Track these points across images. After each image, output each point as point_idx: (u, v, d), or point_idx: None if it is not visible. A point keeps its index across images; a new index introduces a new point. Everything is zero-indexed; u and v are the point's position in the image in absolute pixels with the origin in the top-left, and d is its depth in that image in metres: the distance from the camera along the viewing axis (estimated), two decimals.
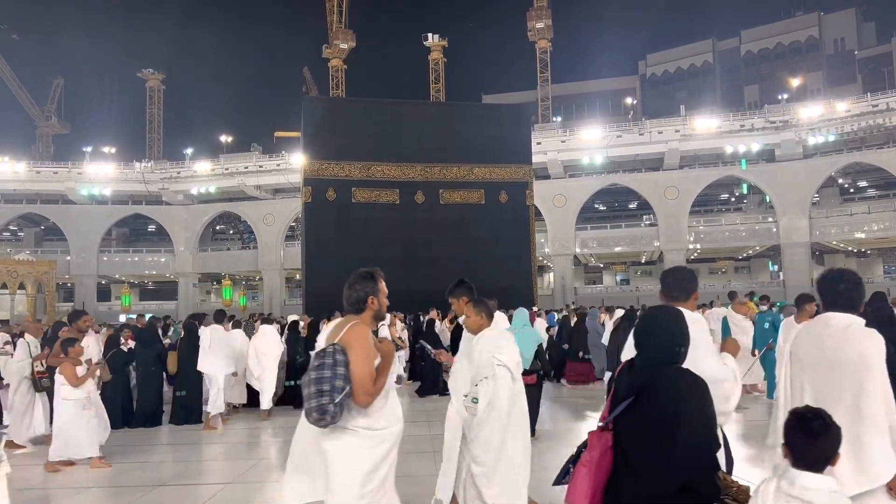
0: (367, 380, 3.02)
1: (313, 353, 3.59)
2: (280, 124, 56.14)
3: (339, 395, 2.90)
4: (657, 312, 2.75)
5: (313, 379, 2.94)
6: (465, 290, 4.98)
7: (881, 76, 56.82)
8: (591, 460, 2.54)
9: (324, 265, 21.89)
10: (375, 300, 3.39)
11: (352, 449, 3.03)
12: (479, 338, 4.43)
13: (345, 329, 3.16)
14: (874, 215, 41.77)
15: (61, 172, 49.67)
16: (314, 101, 38.98)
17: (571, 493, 2.57)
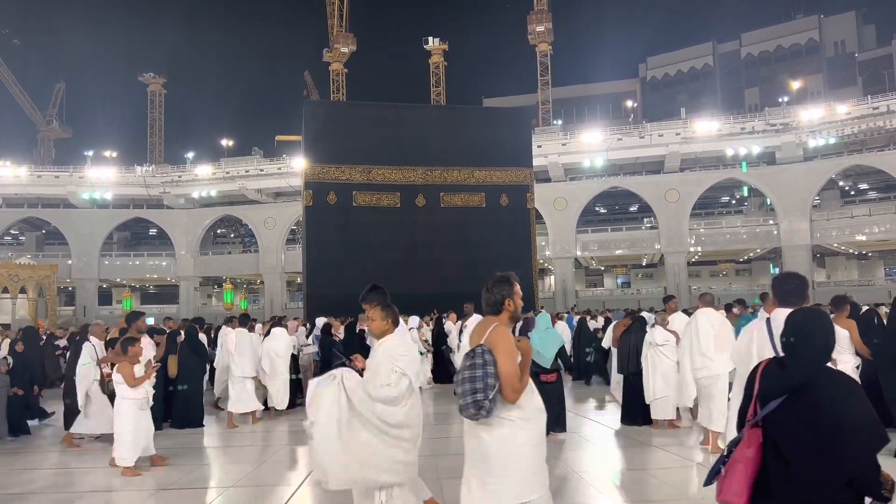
0: (514, 378, 3.25)
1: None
2: (281, 128, 56.38)
3: (491, 392, 3.16)
4: (812, 315, 2.83)
5: (467, 378, 3.21)
6: (378, 296, 5.04)
7: (881, 78, 56.83)
8: (747, 457, 2.60)
9: (325, 269, 21.91)
10: (511, 302, 3.64)
11: (508, 438, 3.27)
12: (381, 343, 4.31)
13: (488, 331, 3.39)
14: (875, 217, 41.76)
15: (63, 176, 49.78)
16: (315, 104, 39.05)
17: (725, 490, 2.62)
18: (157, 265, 51.98)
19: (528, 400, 3.34)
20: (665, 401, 8.77)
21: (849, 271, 50.86)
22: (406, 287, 21.06)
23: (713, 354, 7.46)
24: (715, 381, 7.46)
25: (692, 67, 69.83)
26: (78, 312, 47.24)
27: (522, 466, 3.26)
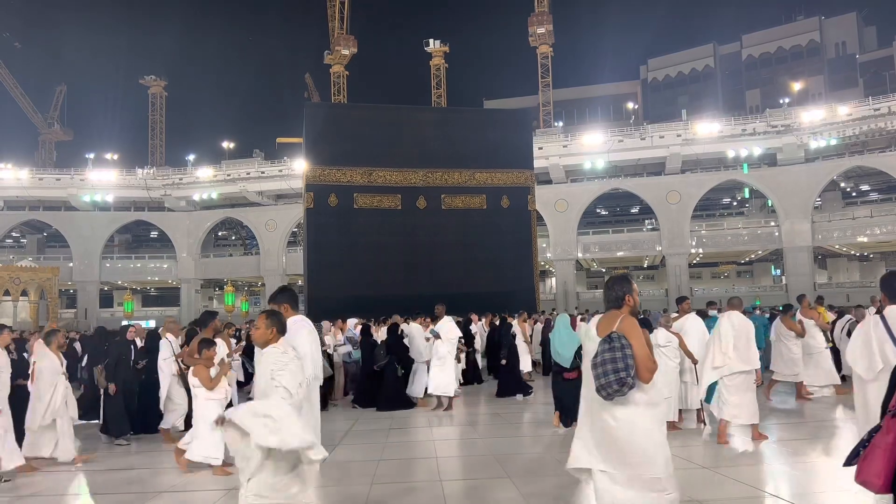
0: (648, 359, 3.70)
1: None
2: (282, 130, 56.43)
3: (632, 371, 3.61)
4: None
5: (607, 360, 3.64)
6: (287, 298, 4.98)
7: (883, 80, 56.84)
8: (886, 443, 2.89)
9: (326, 271, 21.91)
10: (631, 297, 3.98)
11: (638, 418, 3.73)
12: (263, 354, 4.14)
13: (618, 321, 3.80)
14: (877, 219, 41.70)
15: (64, 179, 49.82)
16: (316, 106, 39.05)
17: (864, 471, 2.93)
18: (158, 267, 51.99)
19: (655, 386, 3.81)
20: (666, 402, 8.73)
21: (850, 273, 50.80)
22: (407, 289, 21.12)
23: (732, 353, 8.03)
24: (732, 379, 8.07)
25: (693, 69, 69.84)
26: (79, 315, 47.26)
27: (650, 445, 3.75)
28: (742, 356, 8.04)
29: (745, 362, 8.04)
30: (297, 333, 4.89)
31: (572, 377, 8.63)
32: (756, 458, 7.41)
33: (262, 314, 4.27)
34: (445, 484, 6.51)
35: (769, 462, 7.18)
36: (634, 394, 3.68)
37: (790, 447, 7.93)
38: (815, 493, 6.00)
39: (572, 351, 8.79)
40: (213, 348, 7.52)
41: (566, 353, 8.90)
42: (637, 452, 3.72)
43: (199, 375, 7.22)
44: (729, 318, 8.30)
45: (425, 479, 6.86)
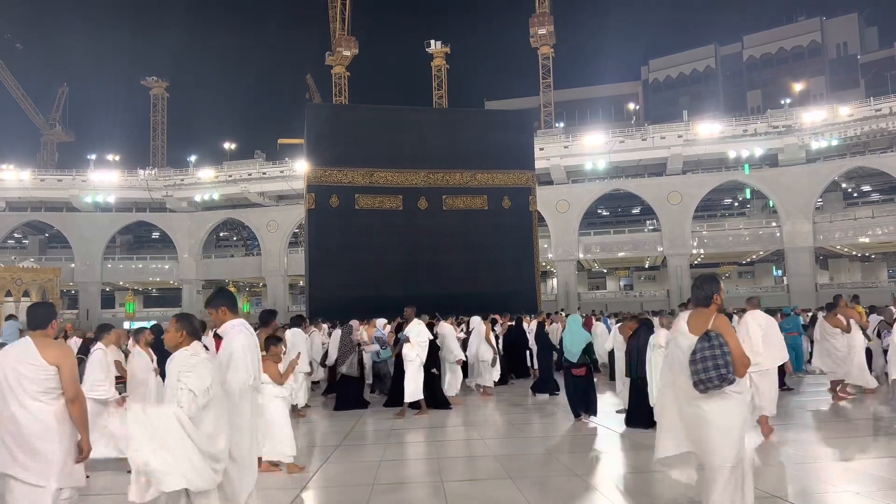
0: (743, 356, 4.06)
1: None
2: (283, 131, 56.54)
3: (731, 367, 3.98)
4: None
5: (707, 356, 4.01)
6: (225, 300, 4.89)
7: (884, 80, 56.78)
8: None
9: (327, 271, 21.93)
10: (719, 296, 4.25)
11: (729, 409, 4.09)
12: (172, 357, 4.17)
13: (712, 319, 4.12)
14: (878, 219, 41.67)
15: (66, 180, 49.90)
16: (317, 107, 39.10)
17: None
18: (159, 268, 52.05)
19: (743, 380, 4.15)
20: None
21: (852, 273, 50.77)
22: (408, 290, 21.08)
23: (762, 350, 8.37)
24: (764, 375, 8.40)
25: (694, 70, 69.84)
26: (81, 316, 47.31)
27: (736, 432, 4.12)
28: (770, 351, 8.53)
29: (773, 358, 8.59)
30: (234, 338, 4.79)
31: (580, 373, 9.43)
32: (759, 457, 7.41)
33: (174, 318, 4.27)
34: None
35: (770, 461, 7.18)
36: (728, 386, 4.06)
37: (795, 447, 7.94)
38: (816, 494, 6.00)
39: (580, 347, 9.43)
40: (279, 344, 7.58)
41: (574, 349, 9.49)
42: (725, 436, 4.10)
43: (269, 372, 7.21)
44: (753, 316, 8.72)
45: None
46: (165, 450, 3.77)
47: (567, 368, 9.69)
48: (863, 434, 8.89)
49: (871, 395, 11.35)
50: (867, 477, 6.40)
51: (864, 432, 9.00)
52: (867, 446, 8.09)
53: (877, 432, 8.98)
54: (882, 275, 49.93)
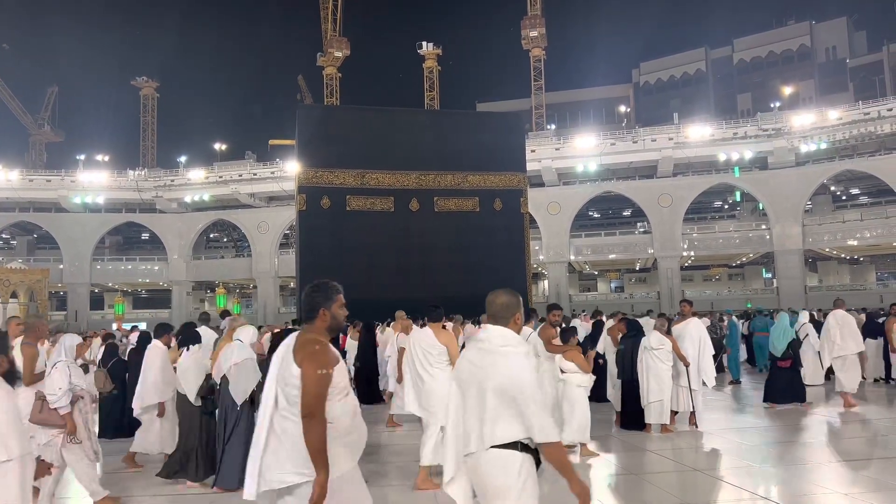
0: None
1: None
2: (274, 132, 56.34)
3: None
4: None
5: None
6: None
7: (872, 84, 57.22)
8: None
9: (318, 273, 21.50)
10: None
11: None
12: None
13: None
14: (866, 222, 41.94)
15: (54, 180, 49.54)
16: (308, 108, 39.01)
17: None
18: (149, 269, 51.75)
19: None
20: (659, 405, 8.78)
21: (841, 276, 51.10)
22: (400, 292, 21.06)
23: (840, 342, 10.74)
24: (844, 360, 10.71)
25: (685, 73, 70.11)
26: (69, 317, 46.98)
27: None
28: (846, 343, 10.70)
29: (850, 348, 10.70)
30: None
31: (786, 365, 10.59)
32: (751, 459, 7.44)
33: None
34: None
35: (762, 464, 7.20)
36: None
37: (787, 449, 7.97)
38: (807, 496, 6.02)
39: (785, 343, 10.57)
40: (574, 336, 7.94)
41: (780, 345, 10.61)
42: None
43: (577, 360, 7.62)
44: (834, 315, 10.94)
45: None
46: None
47: (773, 360, 10.91)
48: (850, 435, 8.93)
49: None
50: (856, 478, 6.42)
51: (851, 433, 9.05)
52: (856, 447, 8.13)
53: (865, 433, 9.03)
54: (870, 277, 50.27)
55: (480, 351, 3.06)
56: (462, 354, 3.21)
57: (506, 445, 2.87)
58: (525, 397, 2.85)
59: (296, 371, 3.05)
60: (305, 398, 2.99)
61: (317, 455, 2.93)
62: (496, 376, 2.91)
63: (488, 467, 2.88)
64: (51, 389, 5.51)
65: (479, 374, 2.98)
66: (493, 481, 2.88)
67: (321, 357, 3.08)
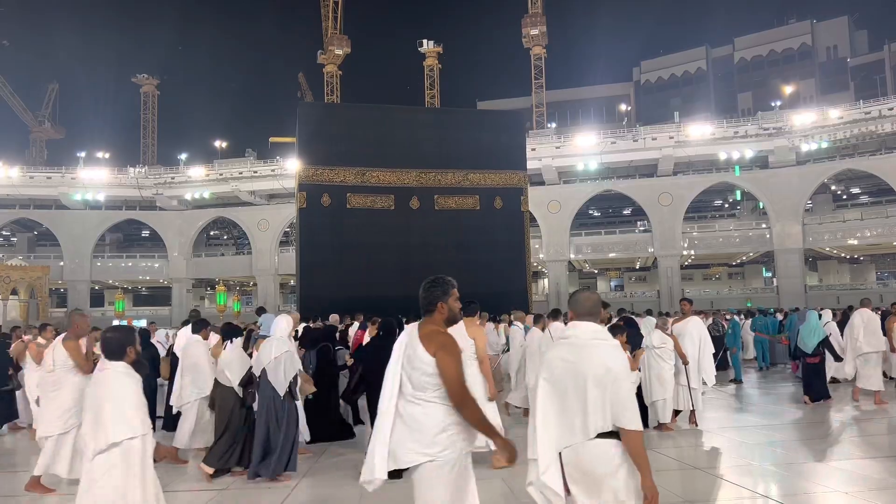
0: None
1: None
2: (275, 130, 56.22)
3: None
4: None
5: None
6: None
7: (873, 83, 57.17)
8: None
9: (318, 271, 21.85)
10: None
11: None
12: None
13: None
14: (867, 222, 41.95)
15: (55, 177, 49.53)
16: (309, 106, 38.92)
17: None
18: (149, 267, 51.77)
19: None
20: (662, 403, 8.79)
21: (841, 275, 51.09)
22: (399, 290, 21.03)
23: (863, 339, 11.03)
24: (868, 357, 10.98)
25: (686, 71, 70.06)
26: None
27: None
28: (870, 341, 11.02)
29: (872, 345, 11.04)
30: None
31: (815, 361, 10.89)
32: (751, 458, 7.44)
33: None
34: None
35: (763, 463, 7.21)
36: None
37: (788, 448, 7.97)
38: (806, 494, 6.03)
39: (816, 341, 10.86)
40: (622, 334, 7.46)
41: (810, 342, 10.89)
42: None
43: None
44: (860, 314, 11.30)
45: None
46: None
47: (802, 357, 11.26)
48: (851, 434, 8.94)
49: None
50: (856, 477, 6.43)
51: (851, 432, 9.05)
52: (856, 446, 8.13)
53: (865, 432, 9.03)
54: (870, 276, 50.28)
55: (572, 346, 3.23)
56: (552, 353, 3.35)
57: (606, 434, 3.06)
58: (618, 386, 3.05)
59: (427, 359, 3.31)
60: (451, 385, 3.26)
61: (482, 426, 3.27)
62: (594, 367, 3.09)
63: (592, 456, 3.06)
64: None
65: (574, 368, 3.14)
66: (596, 469, 3.06)
67: (454, 347, 3.37)
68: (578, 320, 3.29)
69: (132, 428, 4.06)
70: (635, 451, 3.03)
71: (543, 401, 3.22)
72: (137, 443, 4.07)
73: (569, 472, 3.13)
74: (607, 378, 3.05)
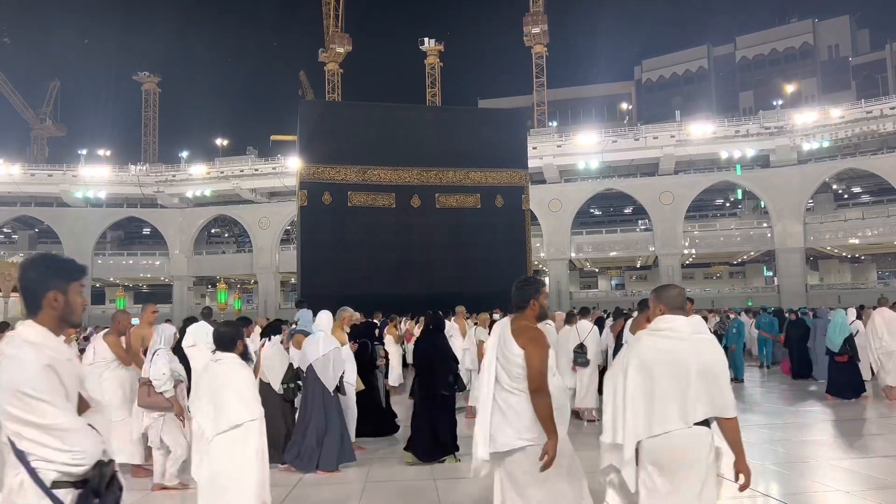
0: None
1: None
2: (276, 128, 55.99)
3: None
4: None
5: None
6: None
7: (875, 83, 57.12)
8: None
9: (319, 269, 21.88)
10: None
11: None
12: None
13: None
14: (868, 221, 41.91)
15: (56, 175, 49.54)
16: (310, 104, 38.94)
17: None
18: (150, 265, 51.78)
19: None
20: None
21: (842, 274, 51.06)
22: (400, 288, 21.12)
23: (886, 337, 11.11)
24: (890, 354, 11.07)
25: (687, 70, 70.00)
26: None
27: None
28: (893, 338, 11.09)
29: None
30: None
31: (843, 360, 11.12)
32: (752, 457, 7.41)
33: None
34: None
35: (763, 462, 7.20)
36: None
37: (789, 447, 7.96)
38: (807, 493, 6.02)
39: (842, 339, 11.10)
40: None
41: (837, 340, 11.17)
42: None
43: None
44: (881, 313, 11.48)
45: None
46: None
47: (830, 355, 11.44)
48: (852, 433, 8.93)
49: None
50: (857, 476, 6.42)
51: (852, 431, 9.05)
52: (857, 445, 8.12)
53: (866, 431, 9.03)
54: (871, 276, 50.24)
55: (669, 339, 3.35)
56: (644, 344, 3.44)
57: (700, 422, 3.23)
58: (721, 378, 3.25)
59: (518, 352, 3.62)
60: (533, 373, 3.58)
61: (547, 422, 3.50)
62: (700, 360, 3.24)
63: (687, 442, 3.21)
64: (155, 375, 6.08)
65: (675, 359, 3.27)
66: (689, 455, 3.21)
67: (543, 340, 3.68)
68: (670, 314, 3.43)
69: (251, 411, 4.46)
70: (734, 437, 3.24)
71: (634, 390, 3.33)
72: (256, 424, 4.46)
73: (652, 459, 3.26)
74: (713, 370, 3.23)
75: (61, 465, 2.15)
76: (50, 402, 2.18)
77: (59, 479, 2.16)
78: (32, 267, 2.42)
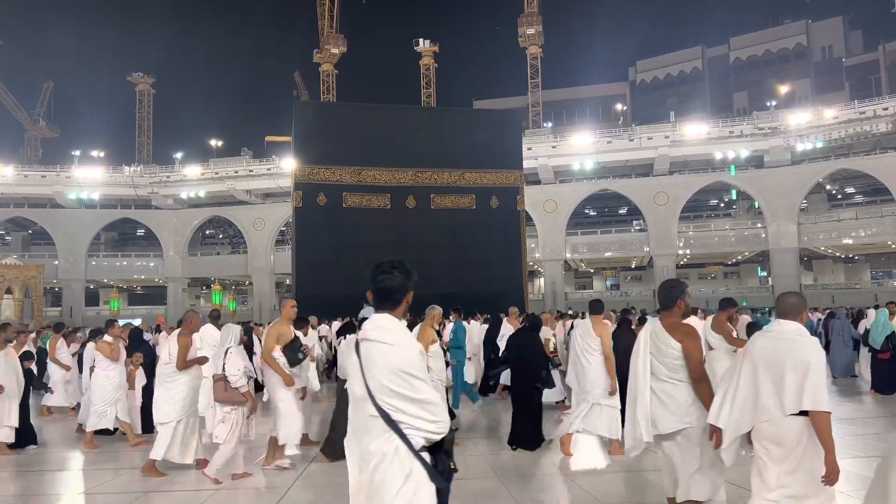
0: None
1: None
2: (271, 129, 55.99)
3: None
4: None
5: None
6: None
7: (868, 84, 57.38)
8: None
9: (314, 270, 21.86)
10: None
11: None
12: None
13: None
14: (861, 221, 42.09)
15: (49, 176, 49.36)
16: (305, 105, 38.92)
17: None
18: (144, 266, 51.64)
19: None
20: None
21: (835, 274, 51.26)
22: None
23: None
24: None
25: (681, 71, 70.20)
26: (65, 313, 46.84)
27: None
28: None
29: None
30: None
31: (885, 357, 11.26)
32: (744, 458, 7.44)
33: None
34: None
35: None
36: None
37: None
38: None
39: (883, 337, 11.30)
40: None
41: (879, 338, 11.40)
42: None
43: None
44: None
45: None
46: None
47: (873, 353, 11.68)
48: (850, 434, 8.96)
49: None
50: (854, 476, 6.44)
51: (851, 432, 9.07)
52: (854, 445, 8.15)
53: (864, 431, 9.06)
54: (865, 276, 50.45)
55: (775, 339, 3.74)
56: (755, 343, 3.85)
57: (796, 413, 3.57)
58: (815, 375, 3.54)
59: (675, 345, 4.12)
60: (693, 364, 4.10)
61: (709, 404, 3.92)
62: (793, 358, 3.59)
63: (786, 430, 3.59)
64: (231, 371, 6.37)
65: (772, 357, 3.67)
66: (786, 441, 3.60)
67: (696, 334, 4.19)
68: (782, 318, 3.81)
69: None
70: (824, 429, 3.50)
71: (744, 380, 3.74)
72: None
73: (763, 444, 3.69)
74: (806, 368, 3.54)
75: (427, 433, 2.56)
76: (424, 379, 2.61)
77: (424, 444, 2.58)
78: None
